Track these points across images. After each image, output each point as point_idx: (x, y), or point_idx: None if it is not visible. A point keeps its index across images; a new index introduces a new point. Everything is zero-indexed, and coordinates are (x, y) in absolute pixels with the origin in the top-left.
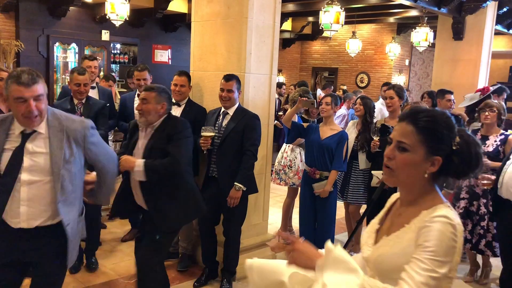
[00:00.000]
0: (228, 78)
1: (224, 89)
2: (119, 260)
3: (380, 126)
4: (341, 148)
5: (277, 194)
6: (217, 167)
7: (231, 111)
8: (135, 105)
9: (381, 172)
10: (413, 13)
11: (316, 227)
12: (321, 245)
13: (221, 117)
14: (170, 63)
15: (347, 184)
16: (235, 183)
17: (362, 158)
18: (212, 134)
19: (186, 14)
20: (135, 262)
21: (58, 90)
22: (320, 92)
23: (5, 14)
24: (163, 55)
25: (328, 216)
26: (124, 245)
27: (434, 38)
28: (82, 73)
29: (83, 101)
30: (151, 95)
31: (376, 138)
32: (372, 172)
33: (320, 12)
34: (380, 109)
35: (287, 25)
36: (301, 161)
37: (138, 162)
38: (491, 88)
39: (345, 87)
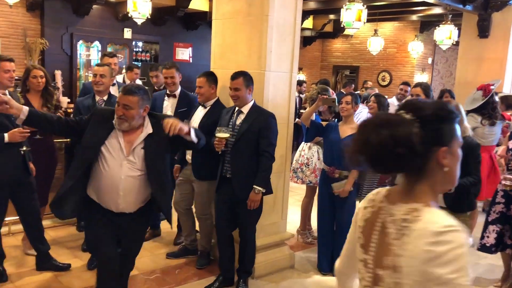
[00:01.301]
0: (234, 76)
1: (231, 87)
2: (139, 255)
3: None
4: None
5: (296, 193)
6: (231, 167)
7: (245, 110)
8: (165, 104)
9: None
10: (437, 10)
11: (335, 227)
12: (340, 245)
13: (235, 115)
14: (191, 61)
15: (363, 182)
16: (254, 186)
17: None
18: (227, 135)
19: (207, 12)
20: None
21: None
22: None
23: (31, 12)
24: (184, 53)
25: (348, 216)
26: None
27: (459, 36)
28: (100, 65)
29: (105, 98)
30: (134, 100)
31: None
32: None
33: (342, 9)
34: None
35: (308, 23)
36: (318, 159)
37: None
38: (492, 88)
39: (369, 83)
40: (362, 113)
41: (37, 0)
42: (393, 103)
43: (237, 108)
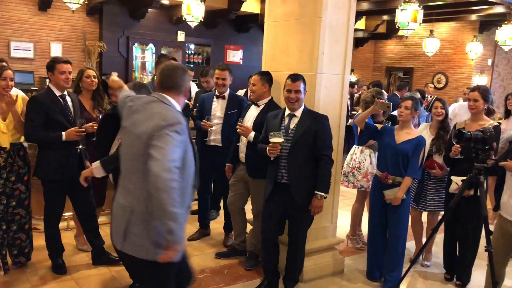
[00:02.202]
0: (295, 78)
1: (291, 90)
2: (189, 254)
3: (457, 132)
4: (417, 154)
5: (346, 197)
6: (289, 172)
7: (298, 113)
8: (214, 105)
9: (461, 178)
10: (499, 9)
11: (388, 235)
12: (392, 254)
13: (286, 119)
14: (241, 63)
15: (423, 191)
16: (316, 192)
17: (439, 161)
18: (282, 140)
19: (258, 14)
20: None
21: None
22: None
23: (90, 17)
24: (235, 55)
25: (401, 225)
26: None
27: None
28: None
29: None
30: None
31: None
32: (452, 177)
33: (397, 10)
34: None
35: (361, 24)
36: (370, 163)
37: None
38: None
39: (430, 86)
40: None
41: (97, 5)
42: (465, 105)
43: (288, 112)
